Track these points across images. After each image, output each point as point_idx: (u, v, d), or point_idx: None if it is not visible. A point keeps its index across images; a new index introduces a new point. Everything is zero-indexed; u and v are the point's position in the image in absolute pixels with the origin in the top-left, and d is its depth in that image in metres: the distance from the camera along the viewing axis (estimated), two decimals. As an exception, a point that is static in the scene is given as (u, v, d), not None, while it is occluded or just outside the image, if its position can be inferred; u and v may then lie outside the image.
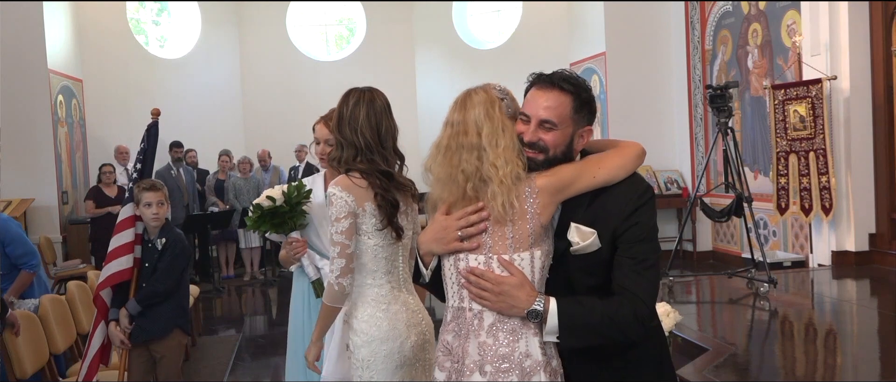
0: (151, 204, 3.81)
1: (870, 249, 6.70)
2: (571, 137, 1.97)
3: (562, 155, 1.97)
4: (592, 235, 1.92)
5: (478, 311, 1.95)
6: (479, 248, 1.94)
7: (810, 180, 6.72)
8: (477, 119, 1.95)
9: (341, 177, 2.46)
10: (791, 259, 7.41)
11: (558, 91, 1.95)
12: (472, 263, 1.95)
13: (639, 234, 1.93)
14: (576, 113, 1.96)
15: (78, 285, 5.19)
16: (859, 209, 6.68)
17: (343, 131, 2.51)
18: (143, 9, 11.83)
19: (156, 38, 11.97)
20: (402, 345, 2.46)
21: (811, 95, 6.67)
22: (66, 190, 9.45)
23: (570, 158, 2.00)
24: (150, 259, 3.85)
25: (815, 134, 6.66)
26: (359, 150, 2.47)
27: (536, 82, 2.00)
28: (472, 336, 1.95)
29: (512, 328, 1.92)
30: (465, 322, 1.97)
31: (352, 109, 2.51)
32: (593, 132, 2.06)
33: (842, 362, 4.18)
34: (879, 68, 6.62)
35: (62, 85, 9.54)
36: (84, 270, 7.23)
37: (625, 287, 1.90)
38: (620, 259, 1.93)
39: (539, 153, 1.96)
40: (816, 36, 6.88)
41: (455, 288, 2.01)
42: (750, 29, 8.35)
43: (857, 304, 5.68)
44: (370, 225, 2.45)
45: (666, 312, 3.47)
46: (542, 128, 1.95)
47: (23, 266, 4.68)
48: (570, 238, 1.94)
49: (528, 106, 1.99)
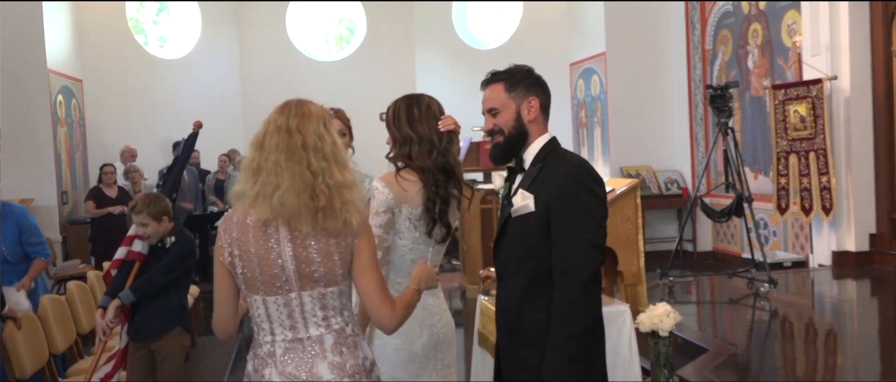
0: (137, 231, 3.83)
1: (870, 249, 6.69)
2: (518, 112, 2.35)
3: (516, 131, 2.34)
4: (530, 198, 2.26)
5: (317, 336, 2.05)
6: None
7: (810, 180, 6.71)
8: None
9: (387, 173, 2.54)
10: (791, 259, 7.41)
11: (491, 85, 2.40)
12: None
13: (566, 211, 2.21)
14: (510, 91, 2.36)
15: (78, 285, 5.19)
16: (859, 209, 6.68)
17: (400, 128, 2.56)
18: (143, 9, 11.82)
19: (156, 37, 11.97)
20: (413, 343, 2.51)
21: (811, 95, 6.66)
22: (66, 190, 9.44)
23: (524, 131, 2.34)
24: (158, 259, 3.86)
25: (815, 134, 6.66)
26: (415, 143, 2.53)
27: (481, 86, 2.43)
28: (318, 360, 2.04)
29: (353, 341, 2.09)
30: (304, 351, 2.05)
31: (406, 108, 2.58)
32: (539, 101, 2.36)
33: (842, 362, 4.17)
34: (879, 68, 6.62)
35: (62, 85, 9.54)
36: (84, 270, 7.21)
37: (558, 268, 2.19)
38: (553, 243, 2.22)
39: (498, 136, 2.37)
40: (816, 36, 6.87)
41: (286, 322, 2.05)
42: (750, 29, 8.35)
43: (857, 304, 5.68)
44: (403, 226, 2.51)
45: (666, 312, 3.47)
46: (491, 115, 2.38)
47: (38, 254, 4.72)
48: (513, 201, 2.31)
49: (482, 105, 2.42)
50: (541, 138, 2.35)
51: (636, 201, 4.32)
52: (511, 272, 2.34)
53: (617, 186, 4.32)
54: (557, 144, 2.36)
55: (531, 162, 2.35)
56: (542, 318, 2.21)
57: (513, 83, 2.36)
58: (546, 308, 2.21)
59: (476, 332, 4.00)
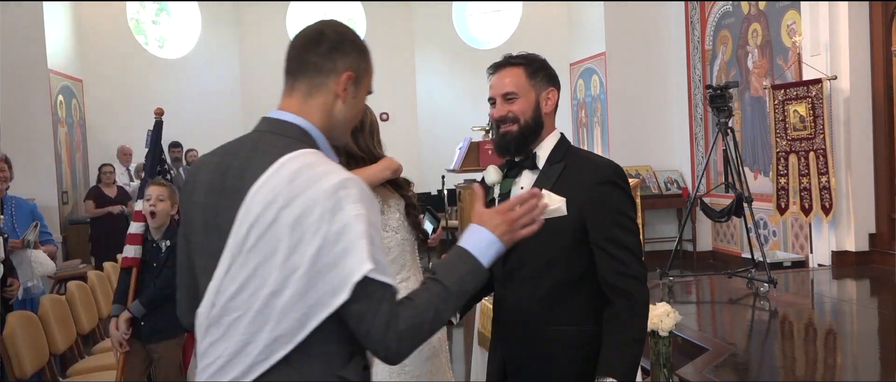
0: (151, 198, 3.82)
1: (870, 249, 6.69)
2: (537, 101, 2.13)
3: (532, 121, 2.10)
4: (561, 201, 2.05)
5: None
6: None
7: (810, 180, 6.71)
8: None
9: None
10: (791, 259, 7.41)
11: (509, 66, 2.15)
12: None
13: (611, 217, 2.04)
14: (531, 78, 2.14)
15: (78, 285, 5.20)
16: (859, 209, 6.68)
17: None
18: (143, 9, 11.83)
19: (156, 38, 11.97)
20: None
21: (811, 95, 6.66)
22: (66, 190, 9.45)
23: (540, 124, 2.12)
24: (154, 258, 3.85)
25: (815, 134, 6.66)
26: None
27: (491, 70, 2.20)
28: None
29: None
30: None
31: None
32: (557, 94, 2.17)
33: (842, 362, 4.17)
34: (879, 68, 6.62)
35: (62, 85, 9.54)
36: (84, 270, 7.21)
37: (614, 286, 2.03)
38: (598, 249, 2.04)
39: (511, 124, 2.11)
40: (816, 36, 6.87)
41: None
42: (750, 29, 8.35)
43: (857, 304, 5.68)
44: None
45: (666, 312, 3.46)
46: (507, 100, 2.13)
47: (48, 242, 5.04)
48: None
49: (491, 91, 2.17)
50: (554, 134, 2.18)
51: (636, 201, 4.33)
52: (527, 277, 2.11)
53: (617, 186, 4.32)
54: (569, 142, 2.21)
55: (547, 159, 2.14)
56: (570, 331, 2.07)
57: (534, 70, 2.15)
58: (572, 320, 2.07)
59: (476, 332, 4.00)
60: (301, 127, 1.57)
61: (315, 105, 1.60)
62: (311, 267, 1.38)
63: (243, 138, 1.63)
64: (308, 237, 1.39)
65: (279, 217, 1.40)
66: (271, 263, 1.41)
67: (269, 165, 1.46)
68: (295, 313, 1.40)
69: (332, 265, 1.38)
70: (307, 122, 1.59)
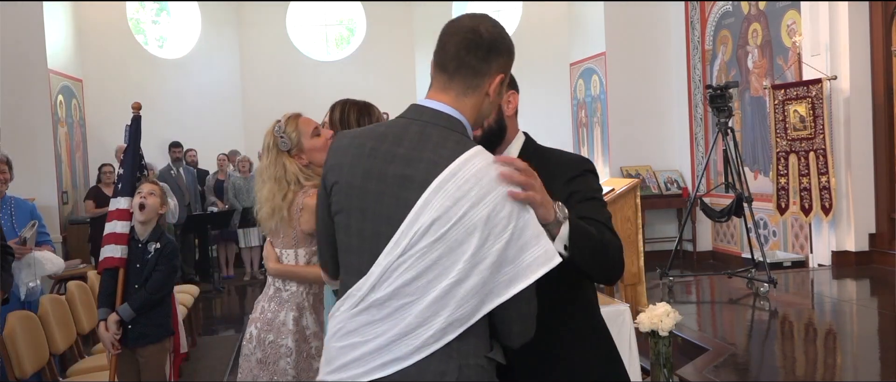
0: (142, 191, 3.77)
1: (870, 249, 6.70)
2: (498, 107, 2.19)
3: (495, 124, 2.12)
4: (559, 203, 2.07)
5: None
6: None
7: (810, 180, 6.72)
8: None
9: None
10: (791, 259, 7.41)
11: None
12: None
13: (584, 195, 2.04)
14: None
15: (78, 285, 5.19)
16: (859, 209, 6.68)
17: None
18: (143, 9, 11.82)
19: (155, 37, 11.97)
20: None
21: (811, 95, 6.67)
22: (66, 190, 9.44)
23: (503, 126, 2.13)
24: (138, 259, 3.78)
25: (815, 134, 6.66)
26: None
27: None
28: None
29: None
30: None
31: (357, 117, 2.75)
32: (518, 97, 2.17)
33: (842, 362, 4.18)
34: (879, 68, 6.62)
35: (62, 85, 9.54)
36: (84, 270, 7.21)
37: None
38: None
39: (476, 129, 2.14)
40: (816, 36, 6.88)
41: None
42: (750, 29, 8.35)
43: (857, 304, 5.68)
44: None
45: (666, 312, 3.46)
46: None
47: (45, 242, 4.90)
48: None
49: None
50: (518, 136, 2.21)
51: (636, 201, 4.33)
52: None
53: (617, 186, 4.33)
54: (535, 142, 2.23)
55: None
56: (579, 326, 2.08)
57: None
58: (582, 316, 2.09)
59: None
60: (462, 123, 1.68)
61: (469, 103, 1.70)
62: (496, 260, 1.51)
63: (396, 126, 1.69)
64: (498, 231, 1.51)
65: (469, 213, 1.51)
66: (456, 254, 1.51)
67: (448, 160, 1.55)
68: (474, 300, 1.52)
69: (514, 258, 1.52)
70: (465, 118, 1.69)
